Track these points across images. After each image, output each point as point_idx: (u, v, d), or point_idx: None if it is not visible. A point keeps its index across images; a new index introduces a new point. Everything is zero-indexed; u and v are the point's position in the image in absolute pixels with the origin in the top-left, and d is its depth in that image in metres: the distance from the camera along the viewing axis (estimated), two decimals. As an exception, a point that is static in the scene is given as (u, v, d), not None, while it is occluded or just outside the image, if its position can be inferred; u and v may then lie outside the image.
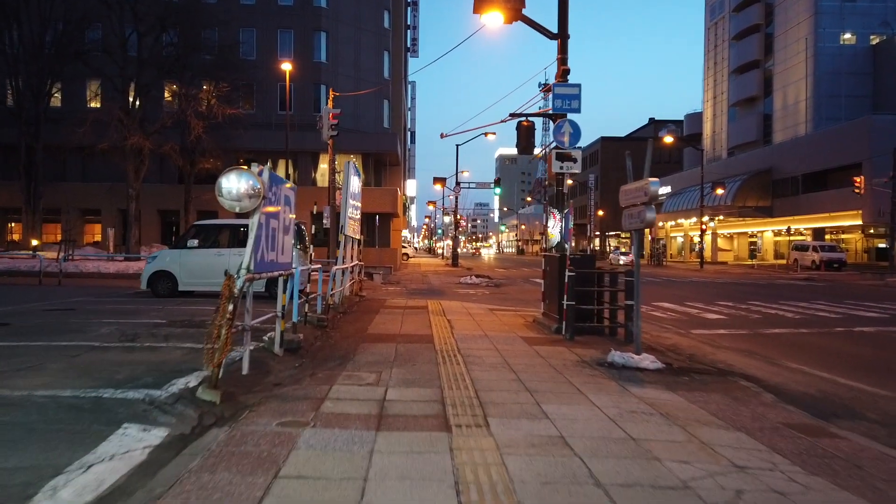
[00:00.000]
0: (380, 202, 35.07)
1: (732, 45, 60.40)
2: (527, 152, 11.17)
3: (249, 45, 37.12)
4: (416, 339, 7.99)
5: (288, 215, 5.77)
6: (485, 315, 11.11)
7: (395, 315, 10.76)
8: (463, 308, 12.37)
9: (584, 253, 8.92)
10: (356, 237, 14.30)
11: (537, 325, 9.78)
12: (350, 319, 9.98)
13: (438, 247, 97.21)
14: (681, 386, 5.74)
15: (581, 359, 6.92)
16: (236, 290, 4.31)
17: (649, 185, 6.79)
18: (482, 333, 8.65)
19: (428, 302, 13.77)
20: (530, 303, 15.75)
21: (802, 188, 46.12)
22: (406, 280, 25.05)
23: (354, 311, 11.32)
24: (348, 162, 11.35)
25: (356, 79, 39.78)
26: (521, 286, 22.77)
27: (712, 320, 12.05)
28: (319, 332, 8.11)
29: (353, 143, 36.56)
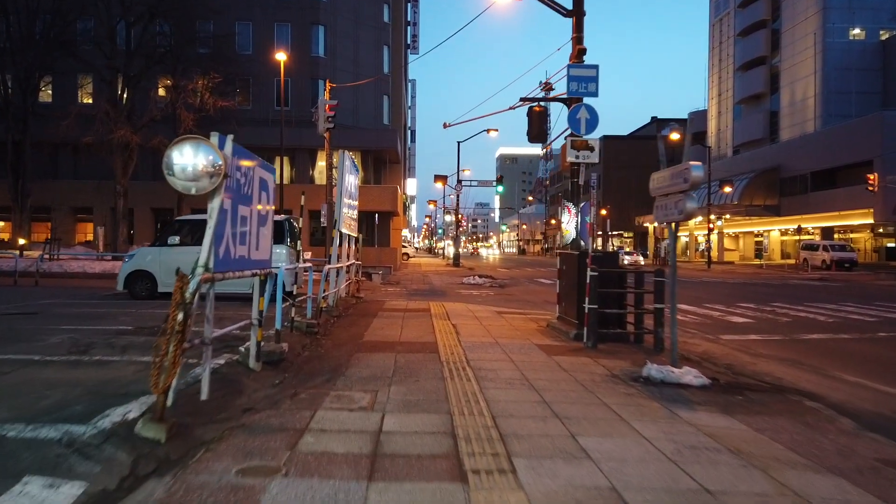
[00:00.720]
0: (379, 200, 34.11)
1: (738, 42, 59.41)
2: (539, 140, 10.23)
3: (245, 38, 36.21)
4: (419, 347, 7.02)
5: (265, 203, 4.80)
6: (492, 318, 10.15)
7: (395, 319, 9.80)
8: (468, 310, 11.41)
9: (605, 251, 7.97)
10: (353, 235, 13.35)
11: (552, 330, 8.81)
12: (345, 324, 9.02)
13: (439, 246, 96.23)
14: (737, 408, 4.77)
15: (610, 372, 5.95)
16: (188, 293, 3.34)
17: (690, 170, 5.83)
18: (492, 340, 7.68)
19: (430, 304, 12.81)
20: (538, 304, 14.79)
21: (811, 186, 45.16)
22: (406, 280, 24.09)
23: (350, 314, 10.35)
24: (343, 152, 10.40)
25: (355, 74, 38.79)
26: (525, 286, 21.80)
27: (739, 324, 11.08)
28: (308, 339, 7.15)
29: (352, 139, 35.60)
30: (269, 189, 4.86)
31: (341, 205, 10.25)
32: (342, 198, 10.25)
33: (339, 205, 10.25)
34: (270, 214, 5.01)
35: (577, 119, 9.90)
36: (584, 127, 9.89)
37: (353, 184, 12.44)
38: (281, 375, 5.25)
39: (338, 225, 10.24)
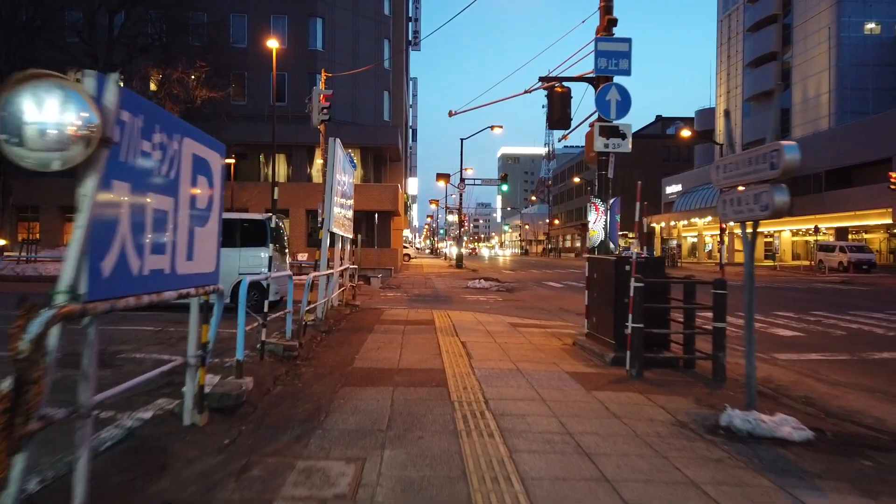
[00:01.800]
0: (379, 199, 32.72)
1: (747, 37, 57.95)
2: (561, 125, 8.82)
3: (240, 31, 34.85)
4: (422, 377, 5.61)
5: (204, 191, 3.35)
6: (507, 333, 8.73)
7: (394, 334, 8.38)
8: (477, 322, 10.00)
9: (648, 256, 6.58)
10: (348, 235, 11.94)
11: (581, 351, 7.39)
12: (334, 342, 7.60)
13: (440, 247, 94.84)
14: (875, 485, 3.35)
15: (675, 418, 4.53)
16: (25, 342, 1.91)
17: (782, 152, 4.43)
18: (512, 366, 6.26)
19: (433, 313, 11.39)
20: (553, 313, 13.37)
21: (825, 185, 43.69)
22: (407, 284, 22.67)
23: (342, 328, 8.93)
24: (333, 140, 9.01)
25: (354, 68, 37.36)
26: (535, 291, 20.37)
27: (789, 339, 9.65)
28: (284, 367, 5.73)
29: (351, 135, 34.16)
30: (213, 172, 3.41)
31: (332, 201, 8.84)
32: (332, 193, 8.85)
33: (330, 201, 8.84)
34: (215, 208, 3.57)
35: (605, 101, 8.50)
36: (615, 110, 8.50)
37: (347, 179, 11.04)
38: (235, 430, 3.83)
39: (328, 224, 8.83)
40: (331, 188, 8.84)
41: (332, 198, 8.85)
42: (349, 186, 11.79)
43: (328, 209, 8.82)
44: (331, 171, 8.84)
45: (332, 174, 8.86)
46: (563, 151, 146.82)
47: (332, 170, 8.84)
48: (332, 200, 8.84)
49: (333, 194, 8.86)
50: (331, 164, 8.85)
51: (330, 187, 8.84)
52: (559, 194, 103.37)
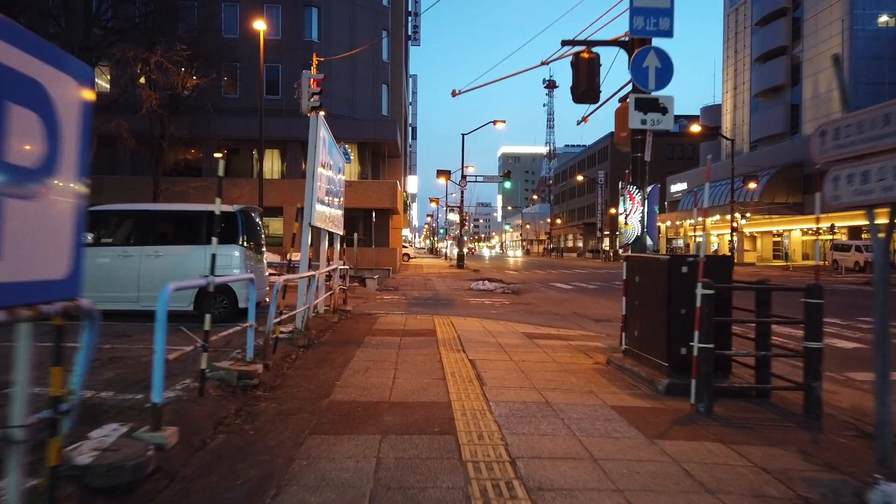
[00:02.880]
0: (377, 196, 31.30)
1: (755, 32, 56.50)
2: (588, 98, 7.38)
3: (232, 21, 33.42)
4: (421, 418, 4.17)
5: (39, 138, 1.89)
6: (523, 347, 7.28)
7: (387, 349, 6.94)
8: (485, 331, 8.56)
9: (713, 255, 5.12)
10: (338, 232, 10.51)
11: (619, 372, 5.94)
12: (312, 361, 6.15)
13: (440, 246, 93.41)
14: None
15: (789, 489, 3.08)
16: None
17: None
18: (539, 397, 4.81)
19: (434, 320, 9.95)
20: (568, 319, 11.93)
21: (839, 183, 42.25)
22: (406, 285, 21.23)
23: (325, 340, 7.49)
24: (315, 115, 7.57)
25: (352, 60, 35.93)
26: (543, 293, 18.94)
27: (851, 352, 8.22)
28: (237, 403, 4.29)
29: (348, 130, 32.73)
30: (55, 107, 1.95)
31: (314, 189, 7.40)
32: (315, 180, 7.41)
33: (312, 189, 7.40)
34: (66, 172, 2.10)
35: (643, 69, 7.06)
36: (654, 79, 7.05)
37: (335, 163, 9.60)
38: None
39: (308, 216, 7.39)
40: (312, 174, 7.40)
41: (315, 185, 7.41)
42: (339, 178, 10.36)
43: (309, 199, 7.38)
44: (313, 152, 7.40)
45: (315, 156, 7.42)
46: (565, 151, 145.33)
47: (314, 151, 7.40)
48: (315, 188, 7.40)
49: (316, 181, 7.42)
50: (312, 145, 7.41)
51: (312, 173, 7.40)
52: (560, 193, 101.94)
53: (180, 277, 8.18)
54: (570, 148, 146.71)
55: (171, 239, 7.80)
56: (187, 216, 8.60)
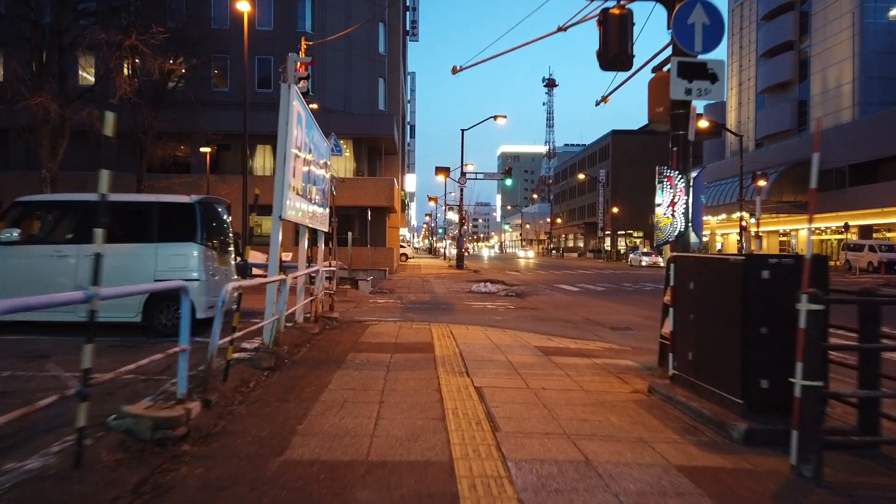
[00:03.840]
0: (373, 194, 29.96)
1: (761, 27, 55.26)
2: (619, 65, 6.06)
3: (222, 11, 32.06)
4: (409, 493, 2.85)
5: None
6: (540, 368, 5.97)
7: (373, 372, 5.63)
8: (492, 345, 7.25)
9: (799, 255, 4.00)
10: (321, 229, 9.21)
11: (668, 404, 4.62)
12: (274, 392, 4.83)
13: (439, 246, 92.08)
14: None
15: None
16: None
17: None
18: (575, 452, 3.49)
19: (432, 330, 8.64)
20: (582, 326, 10.64)
21: (849, 181, 41.09)
22: (402, 287, 19.91)
23: (299, 359, 6.17)
24: (287, 84, 6.24)
25: (347, 52, 34.64)
26: (549, 296, 17.64)
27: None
28: (143, 471, 2.96)
29: (343, 125, 31.38)
30: None
31: (286, 174, 6.09)
32: (287, 163, 6.10)
33: (283, 175, 6.09)
34: None
35: (687, 26, 5.75)
36: (701, 38, 5.74)
37: (319, 151, 8.29)
38: None
39: (279, 209, 6.08)
40: (284, 157, 6.09)
41: (287, 170, 6.09)
42: (321, 172, 9.08)
43: (280, 187, 6.07)
44: (284, 130, 6.09)
45: (287, 136, 6.10)
46: (564, 150, 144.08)
47: (285, 129, 6.09)
48: (287, 174, 6.09)
49: (288, 164, 6.11)
50: (284, 121, 6.10)
51: (283, 156, 6.09)
52: (560, 193, 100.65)
53: (127, 281, 6.84)
54: (570, 147, 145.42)
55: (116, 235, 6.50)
56: (136, 209, 7.23)
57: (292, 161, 6.28)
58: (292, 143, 6.20)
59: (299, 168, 6.75)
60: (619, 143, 76.78)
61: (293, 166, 6.36)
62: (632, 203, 71.73)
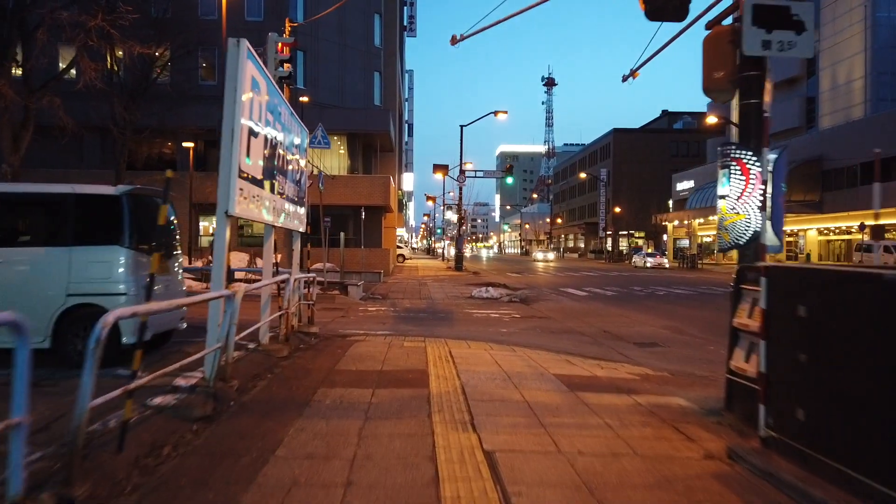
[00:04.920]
0: (368, 192, 28.49)
1: (767, 22, 53.83)
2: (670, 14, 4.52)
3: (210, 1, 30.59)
4: None
5: None
6: (569, 412, 4.53)
7: (344, 422, 4.18)
8: (501, 373, 5.81)
9: None
10: (295, 227, 7.77)
11: (770, 484, 3.16)
12: (192, 465, 3.36)
13: (437, 247, 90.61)
14: None
15: None
16: None
17: None
18: None
19: (427, 350, 7.19)
20: (600, 340, 9.21)
21: (861, 179, 39.69)
22: (397, 292, 18.45)
23: (250, 400, 4.71)
24: (236, 41, 4.79)
25: (341, 44, 33.17)
26: (556, 301, 16.19)
27: None
28: None
29: (336, 120, 29.95)
30: None
31: (233, 155, 4.63)
32: (235, 141, 4.64)
33: (230, 156, 4.64)
34: None
35: (766, -43, 4.31)
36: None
37: (288, 132, 6.83)
38: None
39: (226, 202, 4.62)
40: (231, 133, 4.63)
41: (236, 148, 4.63)
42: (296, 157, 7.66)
43: (226, 172, 4.61)
44: (232, 97, 4.62)
45: (236, 104, 4.64)
46: (563, 150, 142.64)
47: (234, 95, 4.63)
48: (236, 153, 4.63)
49: (238, 141, 4.65)
50: (232, 85, 4.63)
51: (230, 131, 4.63)
52: (560, 192, 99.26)
53: (30, 296, 5.38)
54: (569, 147, 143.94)
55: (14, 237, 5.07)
56: (42, 202, 5.70)
57: (244, 138, 4.82)
58: (243, 112, 4.73)
59: (257, 149, 5.28)
60: (621, 141, 75.39)
61: (246, 145, 4.90)
62: (633, 203, 70.31)
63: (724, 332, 10.62)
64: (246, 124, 4.86)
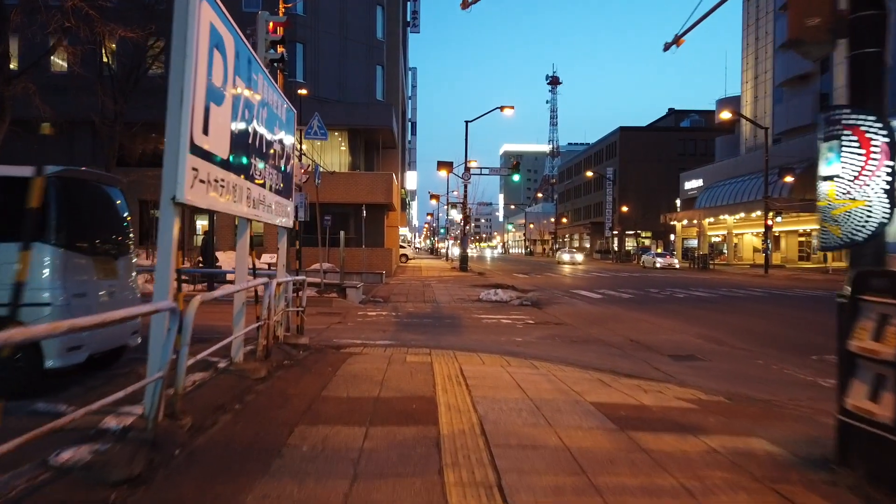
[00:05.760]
0: (369, 190, 27.37)
1: (779, 16, 52.49)
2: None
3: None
4: None
5: None
6: (632, 472, 3.40)
7: (322, 487, 3.06)
8: (525, 400, 4.71)
9: None
10: (279, 223, 6.69)
11: None
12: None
13: (441, 246, 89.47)
14: None
15: None
16: None
17: None
18: None
19: (434, 366, 6.08)
20: (628, 352, 8.09)
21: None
22: (400, 294, 17.33)
23: (201, 447, 3.58)
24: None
25: (342, 37, 32.08)
26: (570, 305, 15.05)
27: None
28: None
29: (337, 115, 28.90)
30: None
31: (182, 120, 3.52)
32: (185, 103, 3.52)
33: (178, 123, 3.52)
34: None
35: None
36: None
37: (272, 106, 5.72)
38: None
39: (174, 186, 3.51)
40: (181, 94, 3.52)
41: (185, 117, 3.53)
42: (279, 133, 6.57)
43: (175, 144, 3.50)
44: (181, 49, 3.51)
45: (187, 57, 3.53)
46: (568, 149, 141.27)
47: (183, 46, 3.52)
48: (185, 123, 3.52)
49: (188, 108, 3.54)
50: (181, 33, 3.52)
51: (179, 91, 3.52)
52: (565, 192, 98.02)
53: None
54: (574, 146, 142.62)
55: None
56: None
57: (199, 103, 3.71)
58: (197, 68, 3.62)
59: (221, 121, 4.17)
60: (628, 139, 74.14)
61: (204, 114, 3.79)
62: (640, 202, 69.05)
63: (767, 341, 9.47)
64: (202, 85, 3.75)
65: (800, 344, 9.30)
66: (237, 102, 4.56)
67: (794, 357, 8.13)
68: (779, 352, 8.53)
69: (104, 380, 4.72)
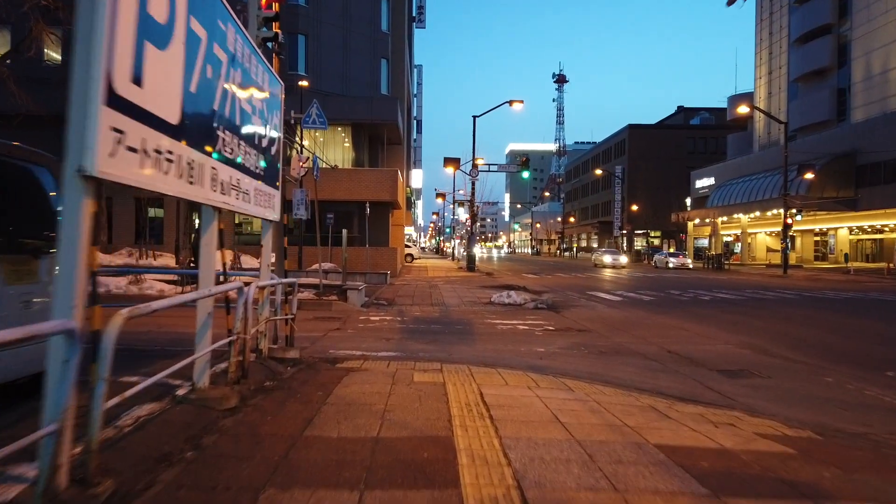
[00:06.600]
0: (374, 187, 26.27)
1: (794, 10, 51.19)
2: None
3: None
4: None
5: None
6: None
7: None
8: (574, 448, 3.60)
9: None
10: (258, 215, 5.59)
11: None
12: None
13: (447, 246, 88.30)
14: None
15: None
16: None
17: None
18: None
19: (448, 388, 4.99)
20: (668, 366, 6.94)
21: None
22: (405, 296, 16.21)
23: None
24: None
25: (345, 29, 30.99)
26: (588, 308, 13.89)
27: None
28: None
29: (340, 110, 27.83)
30: None
31: (93, 61, 2.40)
32: (98, 32, 2.41)
33: (87, 63, 2.40)
34: None
35: None
36: None
37: (253, 76, 4.63)
38: None
39: (80, 155, 2.39)
40: (91, 16, 2.42)
41: (98, 49, 2.43)
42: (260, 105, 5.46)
43: (80, 95, 2.40)
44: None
45: None
46: (574, 148, 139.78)
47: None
48: (96, 60, 2.43)
49: (101, 36, 2.44)
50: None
51: (90, 12, 2.42)
52: (572, 191, 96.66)
53: None
54: (580, 145, 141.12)
55: None
56: None
57: (125, 33, 2.61)
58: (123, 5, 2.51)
59: (167, 71, 3.07)
60: (637, 137, 72.79)
61: (133, 52, 2.69)
62: (649, 201, 67.75)
63: (823, 352, 8.19)
64: (129, 8, 2.65)
65: (863, 356, 8.14)
66: (192, 51, 3.45)
67: (865, 372, 6.99)
68: (845, 366, 7.38)
69: (16, 416, 3.61)
